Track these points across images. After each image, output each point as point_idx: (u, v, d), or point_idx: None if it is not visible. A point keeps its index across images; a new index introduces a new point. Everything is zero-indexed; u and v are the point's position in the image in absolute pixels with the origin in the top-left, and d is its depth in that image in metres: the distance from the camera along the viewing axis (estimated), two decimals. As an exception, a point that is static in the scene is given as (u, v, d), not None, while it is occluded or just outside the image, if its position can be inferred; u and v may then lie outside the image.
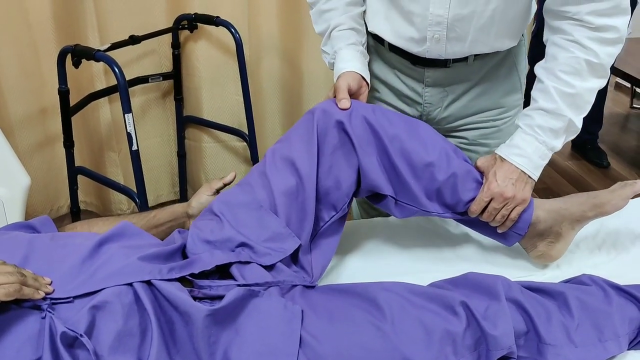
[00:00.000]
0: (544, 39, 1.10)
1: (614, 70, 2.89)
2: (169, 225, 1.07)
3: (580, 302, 0.91)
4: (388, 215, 1.20)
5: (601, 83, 1.06)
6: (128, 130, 1.59)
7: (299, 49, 2.14)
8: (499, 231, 1.09)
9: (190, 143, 2.26)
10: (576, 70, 1.03)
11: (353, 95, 1.09)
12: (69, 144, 1.81)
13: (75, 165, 1.87)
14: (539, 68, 1.08)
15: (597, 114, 2.84)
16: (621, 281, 1.00)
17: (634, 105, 3.56)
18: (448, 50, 1.13)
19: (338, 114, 1.02)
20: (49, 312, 0.75)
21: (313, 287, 0.94)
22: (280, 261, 0.93)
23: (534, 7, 1.16)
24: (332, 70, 1.18)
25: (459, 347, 0.82)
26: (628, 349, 0.93)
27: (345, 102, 1.03)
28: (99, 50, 1.60)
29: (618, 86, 3.78)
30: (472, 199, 1.05)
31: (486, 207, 1.05)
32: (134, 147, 1.61)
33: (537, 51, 2.78)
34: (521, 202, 1.05)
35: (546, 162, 1.08)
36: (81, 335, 0.73)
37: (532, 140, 1.06)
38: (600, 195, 1.08)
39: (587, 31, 1.01)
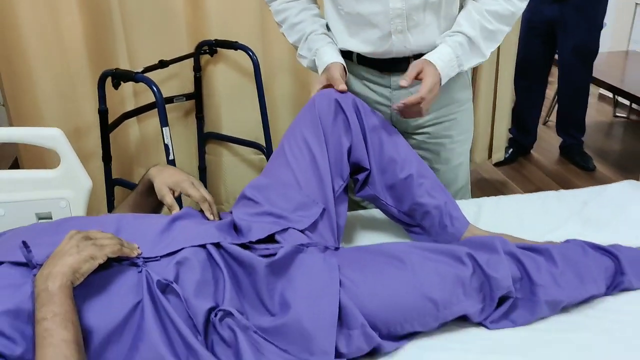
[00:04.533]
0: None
1: (597, 82, 3.15)
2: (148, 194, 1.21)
3: (563, 255, 1.11)
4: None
5: (508, 31, 1.33)
6: (165, 142, 1.79)
7: (308, 70, 2.34)
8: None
9: (211, 157, 2.47)
10: (499, 14, 1.29)
11: None
12: (107, 158, 2.01)
13: (112, 177, 2.06)
14: (467, 4, 1.32)
15: (580, 121, 3.09)
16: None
17: (617, 114, 3.81)
18: (411, 41, 1.33)
19: (335, 94, 1.23)
20: (144, 266, 0.94)
21: (337, 248, 1.13)
22: (312, 226, 1.13)
23: None
24: (312, 66, 1.40)
25: (467, 288, 1.02)
26: (606, 293, 1.13)
27: (343, 86, 1.24)
28: (138, 72, 1.81)
29: (601, 97, 4.03)
30: (419, 203, 1.23)
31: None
32: (171, 157, 1.81)
33: (527, 41, 2.97)
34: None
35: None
36: (172, 282, 0.92)
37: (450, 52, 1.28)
38: None
39: None
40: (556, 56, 3.02)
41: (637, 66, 3.44)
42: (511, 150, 3.10)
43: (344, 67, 1.36)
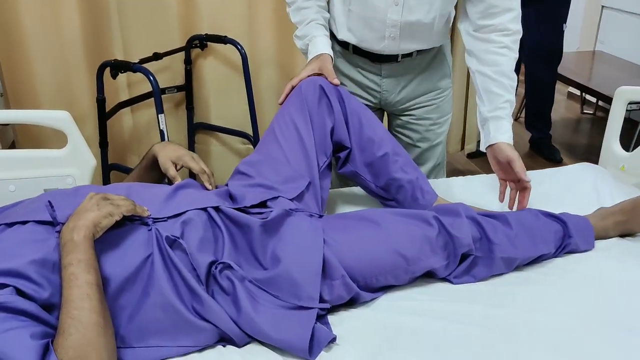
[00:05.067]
0: (468, 49, 1.51)
1: (566, 80, 3.36)
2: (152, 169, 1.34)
3: (517, 220, 1.28)
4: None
5: None
6: (161, 128, 1.93)
7: (292, 64, 2.51)
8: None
9: (200, 147, 2.60)
10: (513, 67, 1.46)
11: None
12: (104, 144, 2.14)
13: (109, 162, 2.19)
14: (485, 70, 1.46)
15: (547, 117, 3.30)
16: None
17: (584, 111, 4.02)
18: (401, 46, 1.52)
19: (320, 81, 1.38)
20: (153, 225, 1.08)
21: (321, 216, 1.28)
22: (299, 196, 1.27)
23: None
24: (304, 48, 1.55)
25: (434, 246, 1.18)
26: (555, 254, 1.30)
27: (337, 81, 1.40)
28: (135, 63, 1.94)
29: (570, 95, 4.24)
30: (394, 178, 1.38)
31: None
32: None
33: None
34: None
35: None
36: (178, 238, 1.06)
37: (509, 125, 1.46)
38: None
39: (510, 37, 1.45)
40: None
41: (603, 65, 3.64)
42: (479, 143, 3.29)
43: (332, 59, 1.52)
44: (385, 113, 1.77)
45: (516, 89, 3.35)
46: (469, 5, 1.47)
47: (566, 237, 1.30)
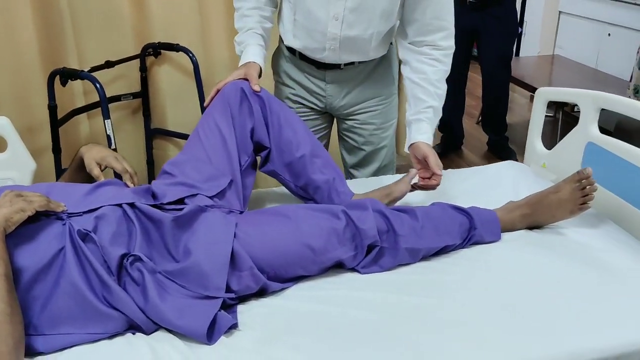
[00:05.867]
0: (402, 58, 1.61)
1: (528, 87, 3.46)
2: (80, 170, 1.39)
3: (425, 213, 1.35)
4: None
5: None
6: (107, 133, 1.99)
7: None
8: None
9: (158, 152, 2.66)
10: (442, 78, 1.55)
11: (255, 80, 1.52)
12: (57, 150, 2.19)
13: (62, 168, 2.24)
14: (414, 77, 1.56)
15: (502, 119, 3.41)
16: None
17: (546, 114, 4.10)
18: (341, 57, 1.61)
19: (241, 84, 1.43)
20: (68, 220, 1.14)
21: (242, 212, 1.35)
22: (220, 194, 1.34)
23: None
24: (240, 55, 1.61)
25: (341, 238, 1.25)
26: (462, 245, 1.37)
27: (257, 88, 1.45)
28: (82, 70, 2.01)
29: (532, 99, 4.34)
30: (311, 179, 1.44)
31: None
32: (112, 147, 2.00)
33: None
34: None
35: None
36: (90, 232, 1.12)
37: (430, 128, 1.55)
38: (390, 186, 1.52)
39: (441, 51, 1.54)
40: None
41: (561, 69, 3.75)
42: (439, 145, 3.39)
43: (261, 68, 1.58)
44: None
45: (463, 92, 3.46)
46: (405, 23, 1.58)
47: (472, 229, 1.37)
